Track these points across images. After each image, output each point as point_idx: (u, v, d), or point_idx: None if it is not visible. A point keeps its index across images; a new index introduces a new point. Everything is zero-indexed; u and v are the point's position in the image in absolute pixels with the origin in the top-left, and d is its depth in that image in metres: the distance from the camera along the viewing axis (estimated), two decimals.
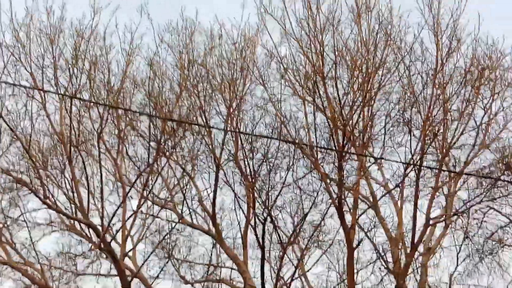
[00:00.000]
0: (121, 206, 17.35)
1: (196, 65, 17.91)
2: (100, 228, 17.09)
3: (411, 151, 18.23)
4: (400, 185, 18.38)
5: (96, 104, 17.31)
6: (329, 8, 17.87)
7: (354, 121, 17.98)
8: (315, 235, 18.48)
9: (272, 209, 17.97)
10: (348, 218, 17.98)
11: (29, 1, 17.45)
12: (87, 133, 17.57)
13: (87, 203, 17.18)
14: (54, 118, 17.52)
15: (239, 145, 17.88)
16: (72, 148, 17.22)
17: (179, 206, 17.80)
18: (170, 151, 17.62)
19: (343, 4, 17.89)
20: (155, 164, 17.49)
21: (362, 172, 18.18)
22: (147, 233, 18.10)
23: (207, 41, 18.05)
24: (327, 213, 18.27)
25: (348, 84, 18.04)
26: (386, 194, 18.46)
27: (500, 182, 18.60)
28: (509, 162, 18.62)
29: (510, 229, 18.95)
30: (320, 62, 17.88)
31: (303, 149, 18.04)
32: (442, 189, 18.56)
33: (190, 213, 17.79)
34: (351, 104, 17.95)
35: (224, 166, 17.85)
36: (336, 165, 17.88)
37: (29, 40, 17.47)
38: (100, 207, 17.23)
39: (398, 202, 18.42)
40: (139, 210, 17.49)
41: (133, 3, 17.80)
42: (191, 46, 17.98)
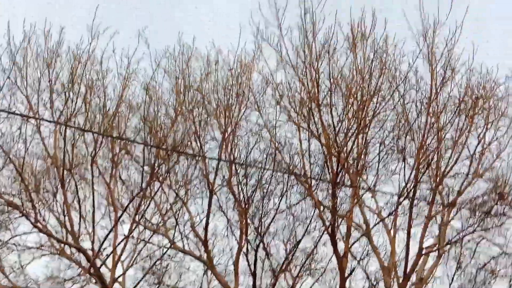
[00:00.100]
0: (112, 230, 17.23)
1: (192, 90, 17.92)
2: (90, 252, 16.96)
3: (404, 179, 18.25)
4: (393, 214, 18.35)
5: (89, 131, 17.23)
6: (324, 36, 17.99)
7: (349, 148, 18.00)
8: (307, 263, 18.39)
9: (264, 235, 17.89)
10: (341, 246, 17.93)
11: (27, 25, 17.48)
12: (81, 157, 17.48)
13: (78, 227, 17.10)
14: (48, 141, 17.47)
15: (233, 171, 17.83)
16: (65, 171, 17.14)
17: (171, 231, 17.69)
18: (164, 176, 17.54)
19: (339, 32, 18.03)
20: (148, 188, 17.41)
21: (356, 200, 18.15)
22: (138, 259, 17.94)
23: (203, 66, 18.09)
24: (320, 240, 18.21)
25: (343, 111, 18.08)
26: (379, 223, 18.40)
27: (493, 212, 18.64)
28: (503, 192, 18.66)
29: (503, 259, 18.93)
30: (316, 89, 17.93)
31: (297, 176, 18.01)
32: (436, 219, 18.54)
33: (182, 238, 17.68)
34: (345, 131, 17.98)
35: (218, 191, 17.79)
36: (330, 192, 17.87)
37: (26, 64, 17.45)
38: (91, 231, 17.11)
39: (391, 231, 18.37)
40: (131, 235, 17.34)
41: (130, 29, 17.89)
42: (188, 71, 18.01)
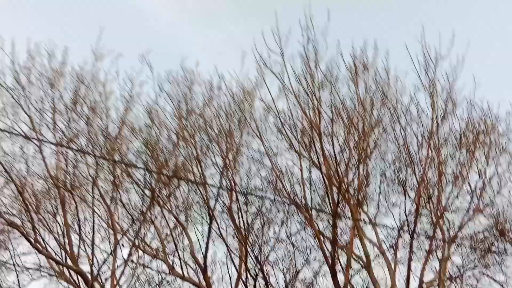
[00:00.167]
0: (111, 254, 17.09)
1: (194, 115, 17.95)
2: (89, 275, 16.80)
3: (405, 212, 18.20)
4: (394, 247, 18.24)
5: (89, 153, 17.20)
6: (327, 65, 18.13)
7: (349, 179, 17.96)
8: None
9: (264, 264, 17.74)
10: (340, 277, 17.77)
11: (31, 44, 17.62)
12: (82, 178, 17.43)
13: (78, 249, 16.99)
14: (50, 161, 17.46)
15: (234, 198, 17.76)
16: (66, 192, 17.08)
17: (171, 256, 17.55)
18: (164, 200, 17.48)
19: (341, 63, 18.18)
20: (149, 212, 17.32)
21: (356, 232, 18.05)
22: (136, 283, 17.78)
23: (206, 92, 18.18)
24: (319, 271, 18.07)
25: (344, 141, 18.10)
26: (379, 256, 18.27)
27: (494, 248, 18.53)
28: (503, 229, 18.57)
29: None
30: (317, 118, 17.96)
31: (297, 205, 17.93)
32: (436, 253, 18.41)
33: (181, 264, 17.52)
34: (346, 161, 17.97)
35: (218, 218, 17.70)
36: (330, 222, 17.79)
37: (29, 83, 17.53)
38: (90, 254, 16.98)
39: (392, 264, 18.23)
40: (130, 259, 17.20)
41: (134, 52, 18.03)
42: (190, 96, 18.09)
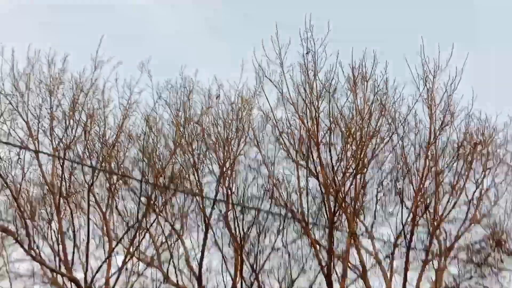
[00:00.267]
0: (106, 261, 17.03)
1: (192, 123, 17.93)
2: (83, 283, 16.73)
3: (402, 222, 18.16)
4: (390, 257, 18.19)
5: (85, 165, 17.18)
6: (326, 75, 18.11)
7: (346, 188, 17.93)
8: None
9: (259, 273, 17.69)
10: (336, 287, 17.72)
11: (31, 52, 17.59)
12: (78, 185, 17.38)
13: (72, 257, 16.91)
14: (46, 168, 17.41)
15: (230, 206, 17.73)
16: (61, 199, 17.02)
17: (165, 264, 17.48)
18: (160, 208, 17.43)
19: (340, 73, 18.16)
20: (144, 220, 17.27)
21: (352, 241, 18.01)
22: None
23: (204, 100, 18.15)
24: (315, 280, 18.01)
25: (342, 150, 18.08)
26: (375, 265, 18.21)
27: (491, 259, 18.50)
28: (500, 239, 18.54)
29: None
30: (315, 127, 17.96)
31: (294, 214, 17.92)
32: (432, 264, 18.38)
33: (176, 272, 17.46)
34: (344, 170, 17.95)
35: (214, 226, 17.66)
36: (326, 231, 17.75)
37: (28, 90, 17.50)
38: (84, 261, 16.91)
39: (388, 274, 18.18)
40: (124, 267, 17.13)
41: (134, 60, 17.96)
42: (189, 104, 18.05)
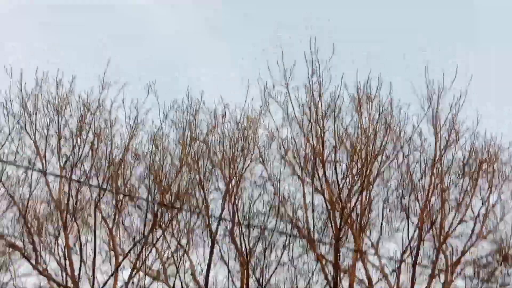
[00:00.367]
0: (112, 276, 17.14)
1: (198, 142, 18.18)
2: None
3: (408, 237, 18.20)
4: (396, 271, 18.17)
5: (91, 185, 17.43)
6: (330, 95, 18.41)
7: (352, 205, 18.04)
8: None
9: (266, 287, 17.70)
10: None
11: (39, 73, 18.03)
12: (85, 202, 17.60)
13: (79, 271, 17.06)
14: (53, 186, 17.68)
15: (236, 221, 17.85)
16: (68, 215, 17.25)
17: (172, 279, 17.55)
18: (166, 223, 17.59)
19: (345, 94, 18.45)
20: (150, 235, 17.42)
21: (359, 256, 18.03)
22: None
23: (210, 119, 18.43)
24: None
25: (347, 168, 18.24)
26: (382, 279, 18.19)
27: (497, 273, 18.44)
28: (506, 254, 18.51)
29: None
30: (320, 146, 18.19)
31: (299, 229, 18.00)
32: (439, 278, 18.33)
33: (182, 287, 17.51)
34: (349, 187, 18.09)
35: (220, 241, 17.77)
36: (333, 247, 17.81)
37: (36, 110, 17.89)
38: (91, 276, 17.05)
39: None
40: (131, 281, 17.23)
41: (140, 80, 18.37)
42: (195, 123, 18.34)
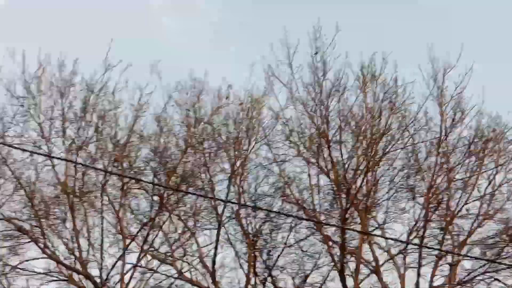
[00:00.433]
0: (120, 258, 17.19)
1: (202, 123, 18.12)
2: (98, 280, 16.91)
3: (414, 218, 18.19)
4: (403, 252, 18.17)
5: (97, 169, 17.39)
6: (335, 74, 18.27)
7: (358, 185, 17.99)
8: None
9: (273, 269, 17.75)
10: (350, 282, 17.73)
11: (42, 55, 17.93)
12: (91, 185, 17.60)
13: (87, 254, 17.12)
14: (60, 168, 17.67)
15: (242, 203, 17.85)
16: (75, 198, 17.26)
17: (179, 261, 17.60)
18: (173, 206, 17.59)
19: (349, 73, 18.29)
20: (157, 218, 17.43)
21: (365, 237, 18.02)
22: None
23: (214, 100, 18.36)
24: (328, 276, 18.04)
25: (353, 148, 18.16)
26: (388, 260, 18.21)
27: (505, 253, 18.42)
28: None
29: None
30: (325, 126, 18.08)
31: (306, 210, 17.99)
32: (446, 258, 18.33)
33: (190, 269, 17.59)
34: (355, 168, 18.02)
35: (226, 223, 17.79)
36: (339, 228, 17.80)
37: (40, 92, 17.82)
38: (99, 258, 17.10)
39: (401, 269, 18.15)
40: (139, 264, 17.29)
41: (144, 62, 18.24)
42: (199, 104, 18.27)
